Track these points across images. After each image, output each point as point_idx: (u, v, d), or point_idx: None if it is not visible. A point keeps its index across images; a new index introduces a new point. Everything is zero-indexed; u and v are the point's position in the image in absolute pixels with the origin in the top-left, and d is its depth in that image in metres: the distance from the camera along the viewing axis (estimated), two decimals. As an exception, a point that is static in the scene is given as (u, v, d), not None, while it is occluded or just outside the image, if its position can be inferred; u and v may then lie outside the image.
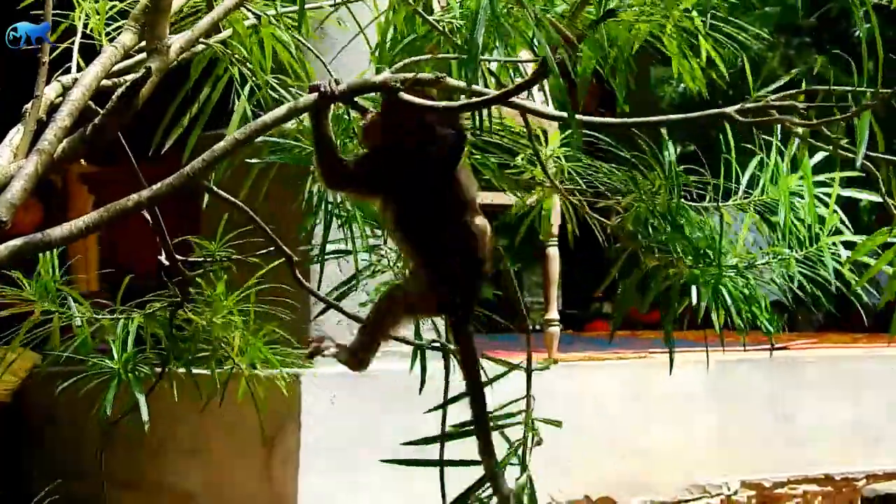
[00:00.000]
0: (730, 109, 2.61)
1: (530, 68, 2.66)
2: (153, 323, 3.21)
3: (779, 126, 2.83)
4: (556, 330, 6.67)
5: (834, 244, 2.99)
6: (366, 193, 2.74)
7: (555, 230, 6.53)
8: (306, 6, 2.93)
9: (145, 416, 3.13)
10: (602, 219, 3.01)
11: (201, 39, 2.79)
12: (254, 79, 2.92)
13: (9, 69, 4.95)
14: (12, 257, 2.40)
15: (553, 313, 6.68)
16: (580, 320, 10.72)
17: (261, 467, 5.75)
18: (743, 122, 2.61)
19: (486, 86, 2.80)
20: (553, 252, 6.66)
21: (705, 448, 6.89)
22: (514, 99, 2.62)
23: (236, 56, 2.91)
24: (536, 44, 2.39)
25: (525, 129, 3.04)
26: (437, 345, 3.25)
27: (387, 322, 2.81)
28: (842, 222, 3.01)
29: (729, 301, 2.85)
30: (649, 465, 6.55)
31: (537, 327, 8.03)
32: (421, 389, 3.19)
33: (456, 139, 2.64)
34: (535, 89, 2.66)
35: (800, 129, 2.61)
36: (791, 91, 2.62)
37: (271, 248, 3.11)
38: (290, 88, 2.92)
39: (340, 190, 2.84)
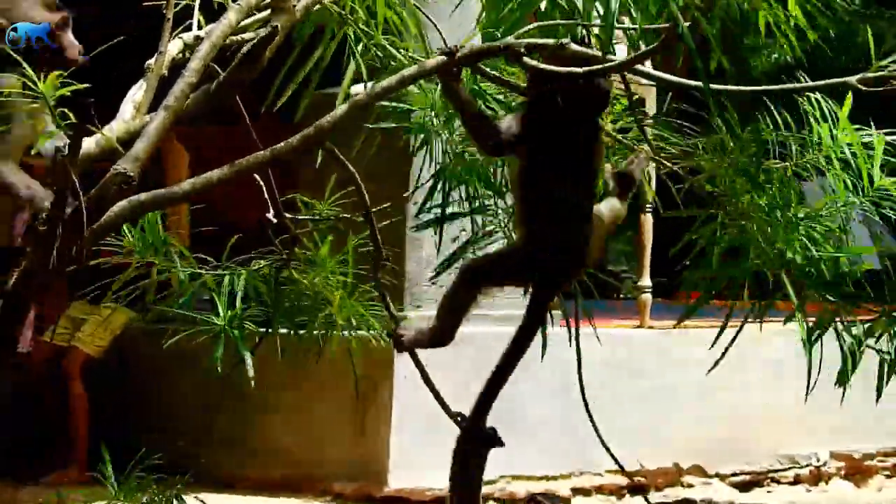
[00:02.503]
0: (852, 79, 2.58)
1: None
2: (257, 280, 3.16)
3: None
4: (648, 297, 6.66)
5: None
6: (522, 153, 2.64)
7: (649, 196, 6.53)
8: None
9: (251, 373, 3.10)
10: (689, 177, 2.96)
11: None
12: (369, 39, 2.87)
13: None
14: (143, 210, 2.40)
15: (646, 280, 6.65)
16: (668, 288, 10.66)
17: (354, 426, 5.82)
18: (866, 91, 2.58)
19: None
20: (647, 218, 6.64)
21: (795, 418, 6.87)
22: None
23: (350, 16, 2.86)
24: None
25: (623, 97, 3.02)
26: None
27: (467, 297, 2.79)
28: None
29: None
30: (739, 435, 6.54)
31: (628, 295, 8.02)
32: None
33: (604, 89, 2.62)
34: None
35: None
36: None
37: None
38: (402, 49, 2.87)
39: (500, 156, 2.82)
